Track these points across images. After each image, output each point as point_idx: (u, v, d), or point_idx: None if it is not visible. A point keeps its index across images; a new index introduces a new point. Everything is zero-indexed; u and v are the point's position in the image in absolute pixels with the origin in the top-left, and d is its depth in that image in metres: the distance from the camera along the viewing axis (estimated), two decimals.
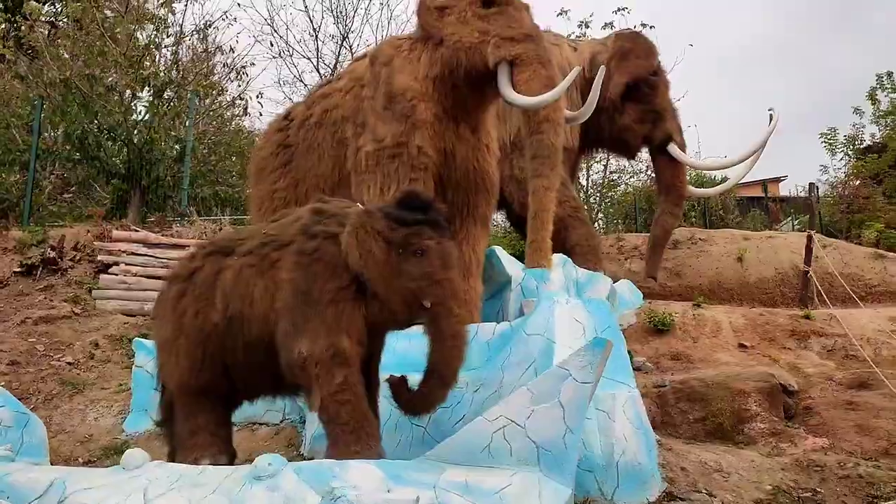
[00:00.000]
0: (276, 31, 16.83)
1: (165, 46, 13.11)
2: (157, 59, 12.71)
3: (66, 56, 12.39)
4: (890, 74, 18.14)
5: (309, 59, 17.62)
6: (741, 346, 6.97)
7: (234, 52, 14.27)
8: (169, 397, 4.61)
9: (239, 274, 4.13)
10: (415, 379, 4.01)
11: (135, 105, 12.70)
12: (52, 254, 9.97)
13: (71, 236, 10.59)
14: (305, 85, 17.65)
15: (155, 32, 13.21)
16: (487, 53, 5.97)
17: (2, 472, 3.49)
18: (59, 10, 15.48)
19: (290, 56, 17.87)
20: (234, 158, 13.35)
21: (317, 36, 17.82)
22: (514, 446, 3.64)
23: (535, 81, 5.84)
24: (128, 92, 12.57)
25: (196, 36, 13.37)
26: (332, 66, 17.79)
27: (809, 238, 8.81)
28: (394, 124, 6.15)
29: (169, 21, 13.60)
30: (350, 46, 17.93)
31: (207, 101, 13.48)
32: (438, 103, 6.24)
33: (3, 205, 12.45)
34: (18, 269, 9.93)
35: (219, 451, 4.14)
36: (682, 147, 8.26)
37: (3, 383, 6.56)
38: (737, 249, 9.45)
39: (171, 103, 12.59)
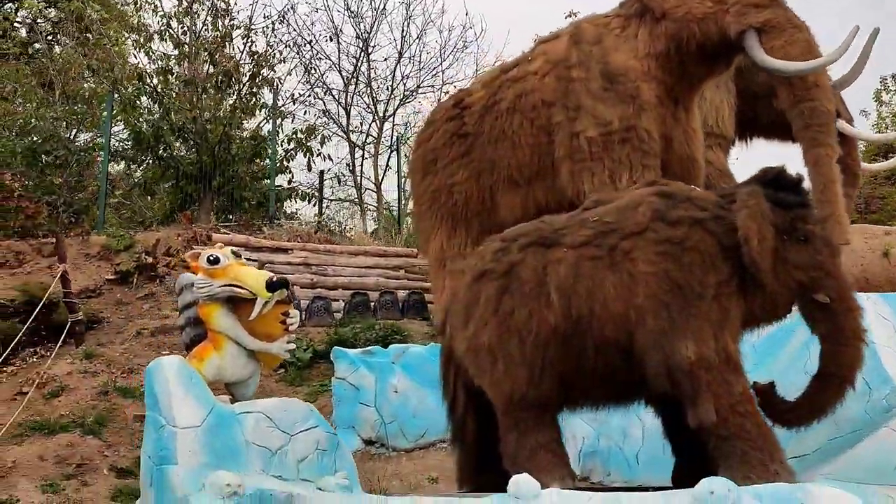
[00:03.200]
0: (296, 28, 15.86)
1: (235, 37, 12.34)
2: (228, 51, 11.95)
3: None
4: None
5: (329, 57, 16.67)
6: None
7: (311, 45, 13.59)
8: (463, 411, 4.01)
9: (577, 268, 3.54)
10: None
11: (204, 100, 11.92)
12: (149, 259, 9.22)
13: (161, 241, 9.86)
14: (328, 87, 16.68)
15: (221, 26, 12.45)
16: (727, 22, 5.41)
17: None
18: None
19: (317, 58, 16.87)
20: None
21: (339, 37, 16.79)
22: None
23: (793, 46, 5.28)
24: (198, 87, 11.83)
25: (270, 27, 12.64)
26: (352, 69, 16.76)
27: None
28: (619, 106, 5.59)
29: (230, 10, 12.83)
30: (367, 48, 16.89)
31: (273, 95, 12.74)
32: (661, 83, 5.69)
33: (58, 209, 11.60)
34: (112, 277, 9.17)
35: (567, 473, 3.53)
36: (850, 121, 7.75)
37: None
38: (881, 244, 9.00)
39: (245, 98, 11.86)
